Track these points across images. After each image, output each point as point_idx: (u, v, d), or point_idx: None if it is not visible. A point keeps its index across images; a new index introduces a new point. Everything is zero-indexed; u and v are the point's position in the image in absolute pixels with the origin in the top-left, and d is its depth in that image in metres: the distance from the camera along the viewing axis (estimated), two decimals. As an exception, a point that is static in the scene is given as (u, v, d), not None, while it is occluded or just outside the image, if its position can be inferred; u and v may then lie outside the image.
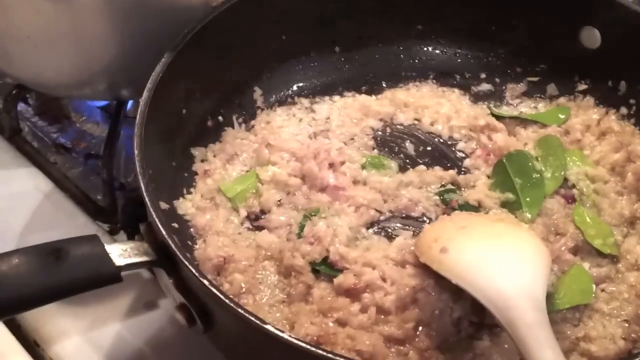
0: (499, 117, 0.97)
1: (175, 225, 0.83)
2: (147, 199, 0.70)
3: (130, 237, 0.85)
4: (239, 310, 0.63)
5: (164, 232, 0.68)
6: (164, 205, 0.82)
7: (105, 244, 0.68)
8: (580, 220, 0.84)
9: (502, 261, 0.70)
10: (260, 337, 0.63)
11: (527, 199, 0.86)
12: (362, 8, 1.05)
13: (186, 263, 0.66)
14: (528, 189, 0.87)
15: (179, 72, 0.87)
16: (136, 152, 0.75)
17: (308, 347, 0.62)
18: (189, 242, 0.83)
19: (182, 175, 0.89)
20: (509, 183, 0.88)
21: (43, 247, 0.66)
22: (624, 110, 0.97)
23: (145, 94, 0.81)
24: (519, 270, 0.68)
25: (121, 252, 0.68)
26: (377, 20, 1.06)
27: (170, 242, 0.67)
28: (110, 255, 0.67)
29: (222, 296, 0.65)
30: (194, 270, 0.66)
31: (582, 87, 1.00)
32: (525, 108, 1.01)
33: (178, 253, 0.67)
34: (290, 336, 0.62)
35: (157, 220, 0.68)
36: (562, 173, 0.89)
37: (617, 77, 0.97)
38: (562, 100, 1.01)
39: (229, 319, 0.67)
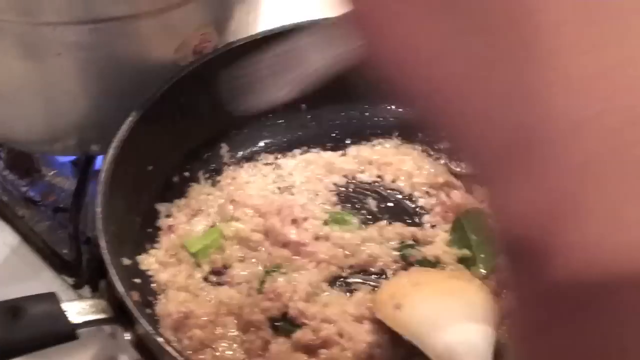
0: (457, 175, 1.00)
1: (138, 280, 0.84)
2: (106, 258, 0.72)
3: (95, 292, 0.86)
4: (192, 368, 0.64)
5: (121, 292, 0.69)
6: (126, 261, 0.83)
7: (62, 302, 0.69)
8: (532, 276, 0.86)
9: (451, 319, 0.72)
10: (213, 395, 0.65)
11: (482, 256, 0.89)
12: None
13: (141, 321, 0.67)
14: (482, 246, 0.90)
15: (146, 130, 0.89)
16: (98, 210, 0.77)
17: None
18: (150, 298, 0.84)
19: (145, 231, 0.91)
20: (466, 240, 0.91)
21: (1, 305, 0.67)
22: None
23: (110, 152, 0.84)
24: (466, 328, 0.70)
25: (79, 310, 0.69)
26: (343, 81, 1.09)
27: (127, 301, 0.68)
28: (65, 313, 0.68)
29: (177, 354, 0.66)
30: (149, 328, 0.67)
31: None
32: (484, 165, 1.04)
33: (135, 311, 0.68)
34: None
35: (113, 279, 0.70)
36: (517, 230, 0.92)
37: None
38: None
39: (183, 377, 0.68)
